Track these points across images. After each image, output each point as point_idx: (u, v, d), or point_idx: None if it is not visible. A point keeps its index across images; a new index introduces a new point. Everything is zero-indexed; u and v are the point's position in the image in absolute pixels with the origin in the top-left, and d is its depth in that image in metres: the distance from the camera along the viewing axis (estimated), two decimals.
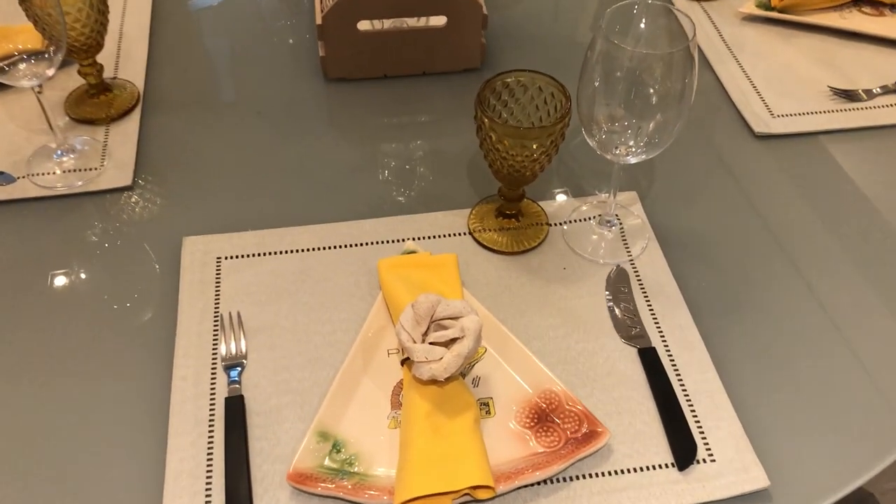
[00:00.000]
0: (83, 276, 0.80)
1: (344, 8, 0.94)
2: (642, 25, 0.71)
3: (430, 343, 0.65)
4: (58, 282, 0.79)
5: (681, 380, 0.72)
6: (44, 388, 0.71)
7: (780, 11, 1.10)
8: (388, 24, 1.01)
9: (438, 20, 0.99)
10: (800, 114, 0.98)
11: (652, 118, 0.71)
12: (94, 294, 0.79)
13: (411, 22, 1.02)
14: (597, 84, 0.70)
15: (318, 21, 0.96)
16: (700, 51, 1.07)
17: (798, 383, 0.73)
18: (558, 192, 0.89)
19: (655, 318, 0.77)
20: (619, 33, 0.70)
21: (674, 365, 0.73)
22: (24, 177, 0.88)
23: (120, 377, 0.72)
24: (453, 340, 0.65)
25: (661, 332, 0.76)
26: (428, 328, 0.67)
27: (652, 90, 0.69)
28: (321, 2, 0.98)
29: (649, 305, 0.78)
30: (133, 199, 0.87)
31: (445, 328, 0.66)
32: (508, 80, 0.76)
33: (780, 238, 0.85)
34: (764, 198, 0.89)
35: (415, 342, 0.65)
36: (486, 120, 0.72)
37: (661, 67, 0.67)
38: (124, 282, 0.80)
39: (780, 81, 1.02)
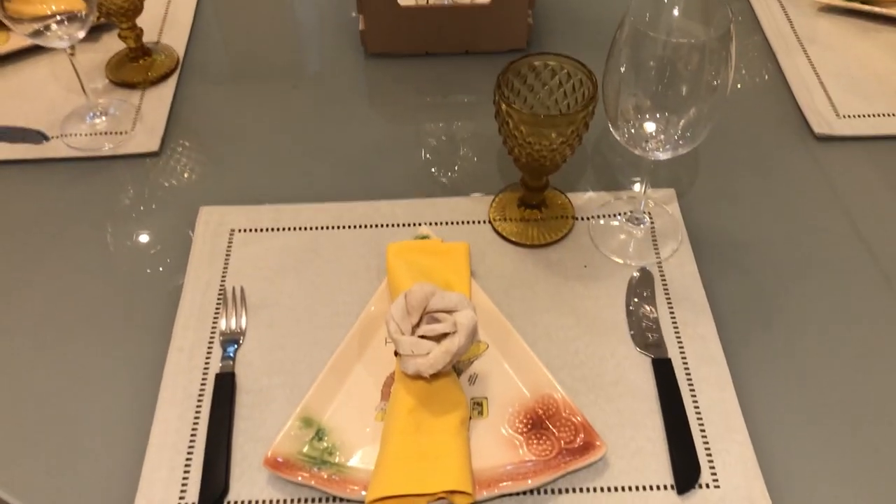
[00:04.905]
0: (100, 239, 0.80)
1: None
2: (675, 11, 0.65)
3: (420, 336, 0.62)
4: (74, 243, 0.80)
5: (694, 396, 0.67)
6: (45, 346, 0.72)
7: (863, 2, 1.01)
8: None
9: None
10: (869, 115, 0.89)
11: (684, 112, 0.66)
12: (107, 258, 0.79)
13: None
14: (623, 71, 0.64)
15: None
16: (766, 40, 1.00)
17: (825, 415, 0.66)
18: (589, 185, 0.84)
19: (676, 327, 0.72)
20: (651, 18, 0.65)
21: (689, 379, 0.68)
22: (57, 136, 0.89)
23: (120, 342, 0.72)
24: (445, 335, 0.62)
25: (680, 341, 0.71)
26: (421, 319, 0.64)
27: (683, 81, 0.63)
28: None
29: (672, 312, 0.73)
30: (159, 165, 0.87)
31: (438, 321, 0.63)
32: (536, 62, 0.72)
33: (828, 253, 0.78)
34: (817, 207, 0.82)
35: (403, 333, 0.62)
36: (503, 105, 0.68)
37: (693, 57, 0.62)
38: (139, 249, 0.80)
39: (852, 78, 0.93)
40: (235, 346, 0.71)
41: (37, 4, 0.81)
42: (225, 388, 0.67)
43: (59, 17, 0.81)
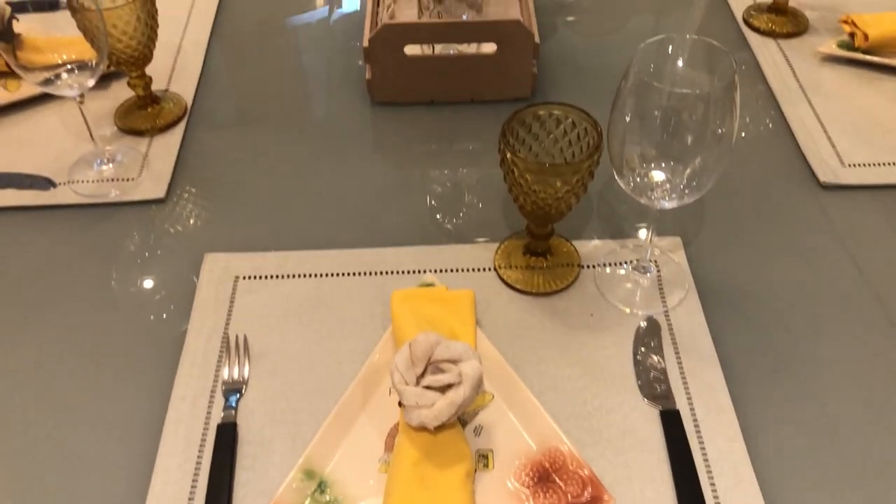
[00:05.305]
0: (105, 284, 0.80)
1: (390, 31, 0.92)
2: (680, 62, 0.65)
3: (425, 387, 0.61)
4: (80, 288, 0.80)
5: (703, 447, 0.66)
6: (47, 390, 0.71)
7: (865, 52, 1.02)
8: (437, 48, 0.99)
9: (489, 47, 0.96)
10: (875, 164, 0.89)
11: (689, 161, 0.66)
12: (112, 304, 0.78)
13: (461, 48, 0.99)
14: (628, 120, 0.65)
15: (365, 44, 0.95)
16: (769, 89, 1.00)
17: (836, 467, 0.65)
18: (594, 233, 0.84)
19: (684, 377, 0.71)
20: (656, 68, 0.65)
21: (698, 430, 0.67)
22: (64, 183, 0.89)
23: (122, 389, 0.71)
24: (450, 386, 0.61)
25: (688, 392, 0.70)
26: (425, 369, 0.63)
27: (688, 131, 0.63)
28: (371, 24, 0.97)
29: (679, 362, 0.72)
30: (165, 212, 0.87)
31: (443, 371, 0.62)
32: (540, 111, 0.72)
33: (836, 301, 0.77)
34: (824, 255, 0.82)
35: (407, 384, 0.61)
36: (508, 153, 0.68)
37: (698, 107, 0.62)
38: (143, 295, 0.79)
39: (856, 127, 0.94)
40: (237, 395, 0.70)
41: (48, 53, 0.82)
42: (226, 439, 0.66)
43: (69, 66, 0.82)
